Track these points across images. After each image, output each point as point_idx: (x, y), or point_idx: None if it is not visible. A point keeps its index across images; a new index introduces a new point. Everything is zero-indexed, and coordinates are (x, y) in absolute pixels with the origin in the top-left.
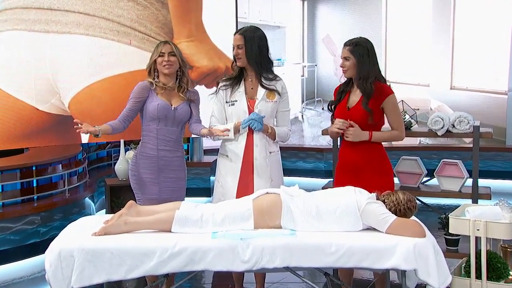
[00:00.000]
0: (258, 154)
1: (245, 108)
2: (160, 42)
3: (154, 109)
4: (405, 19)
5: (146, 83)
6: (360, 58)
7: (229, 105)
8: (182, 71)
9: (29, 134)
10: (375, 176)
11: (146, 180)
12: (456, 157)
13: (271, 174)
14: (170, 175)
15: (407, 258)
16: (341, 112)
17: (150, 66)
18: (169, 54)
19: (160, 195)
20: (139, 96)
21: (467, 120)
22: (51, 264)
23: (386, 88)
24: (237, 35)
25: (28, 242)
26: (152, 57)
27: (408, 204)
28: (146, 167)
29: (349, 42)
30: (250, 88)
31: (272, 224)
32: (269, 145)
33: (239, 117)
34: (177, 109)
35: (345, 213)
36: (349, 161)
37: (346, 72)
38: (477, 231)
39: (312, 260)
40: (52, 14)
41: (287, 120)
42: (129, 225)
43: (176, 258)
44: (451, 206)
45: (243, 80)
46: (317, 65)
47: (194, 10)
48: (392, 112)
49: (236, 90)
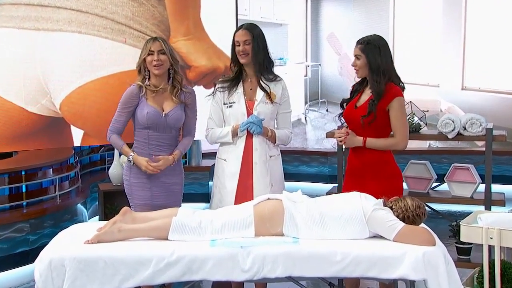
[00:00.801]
0: (257, 158)
1: (243, 110)
2: (149, 39)
3: (143, 117)
4: (413, 15)
5: (134, 89)
6: (371, 57)
7: (227, 107)
8: (174, 69)
9: (18, 137)
10: (382, 180)
11: (137, 185)
12: (467, 161)
13: (271, 179)
14: (163, 180)
15: (416, 267)
16: (349, 110)
17: (140, 65)
18: (158, 53)
19: (152, 201)
20: (129, 105)
21: (479, 122)
22: (41, 274)
23: (394, 90)
24: (243, 30)
25: (16, 250)
26: (141, 56)
27: (417, 210)
28: (138, 171)
29: (361, 40)
30: (249, 89)
31: (273, 231)
32: (269, 148)
33: (238, 119)
34: (169, 115)
35: (350, 220)
36: (355, 165)
37: (358, 71)
38: (491, 239)
39: (316, 270)
40: (42, 10)
41: (288, 122)
42: (124, 233)
43: (173, 267)
44: (463, 213)
45: (241, 81)
46: (321, 65)
47: (192, 7)
48: (395, 115)
49: (234, 92)
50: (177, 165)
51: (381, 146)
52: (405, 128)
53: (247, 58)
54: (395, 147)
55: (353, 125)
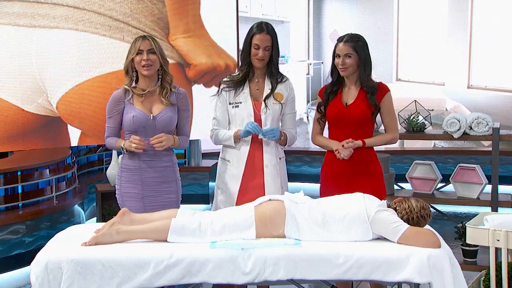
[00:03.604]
0: (268, 161)
1: (250, 110)
2: (138, 38)
3: (129, 121)
4: (418, 12)
5: (119, 93)
6: (362, 54)
7: (233, 107)
8: (164, 69)
9: (14, 137)
10: (363, 179)
11: (128, 195)
12: (473, 161)
13: (281, 181)
14: (156, 188)
15: (421, 270)
16: (337, 110)
17: (127, 66)
18: (148, 52)
19: (145, 211)
20: (115, 111)
21: (485, 121)
22: (37, 276)
23: (383, 86)
24: (266, 35)
25: (12, 253)
26: (128, 55)
27: (422, 212)
28: (128, 180)
29: (347, 38)
30: (255, 90)
31: (275, 233)
32: (277, 151)
33: (243, 120)
34: (157, 118)
35: (353, 222)
36: (343, 166)
37: (347, 70)
38: (497, 241)
39: (318, 272)
40: (38, 7)
41: (293, 123)
42: (122, 234)
43: (172, 270)
44: (469, 215)
45: (247, 81)
46: (323, 63)
47: (191, 4)
48: (388, 111)
49: (240, 91)
50: (170, 171)
51: (380, 143)
52: (397, 122)
53: (263, 63)
54: (392, 141)
55: (344, 124)
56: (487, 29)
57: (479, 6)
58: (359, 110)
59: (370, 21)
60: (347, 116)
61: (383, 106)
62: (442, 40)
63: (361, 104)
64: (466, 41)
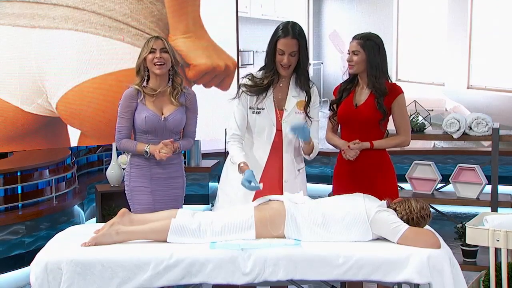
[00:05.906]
0: (287, 176)
1: (273, 119)
2: (151, 37)
3: (141, 121)
4: (418, 12)
5: (132, 92)
6: (371, 53)
7: (253, 112)
8: (175, 70)
9: (14, 137)
10: (377, 180)
11: (138, 189)
12: (473, 161)
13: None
14: (164, 184)
15: (420, 271)
16: (347, 110)
17: (140, 65)
18: (161, 51)
19: (154, 205)
20: (129, 108)
21: (485, 121)
22: (37, 277)
23: (396, 87)
24: (292, 39)
25: (12, 253)
26: (141, 54)
27: (422, 212)
28: (138, 175)
29: (359, 35)
30: (278, 96)
31: (275, 233)
32: (296, 163)
33: (264, 129)
34: (168, 119)
35: (353, 222)
36: (348, 165)
37: (353, 67)
38: (497, 241)
39: (318, 273)
40: (38, 7)
41: (316, 132)
42: (122, 235)
43: (172, 270)
44: (468, 215)
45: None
46: (323, 63)
47: (191, 4)
48: (400, 113)
49: (263, 97)
50: (178, 167)
51: (389, 146)
52: (409, 124)
53: (288, 71)
54: (403, 144)
55: (352, 125)
56: (487, 29)
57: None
58: (367, 112)
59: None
60: (355, 117)
61: (395, 108)
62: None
63: (370, 106)
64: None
